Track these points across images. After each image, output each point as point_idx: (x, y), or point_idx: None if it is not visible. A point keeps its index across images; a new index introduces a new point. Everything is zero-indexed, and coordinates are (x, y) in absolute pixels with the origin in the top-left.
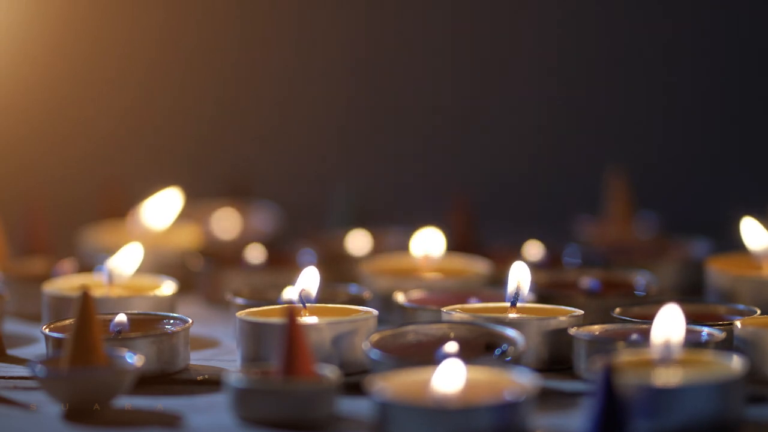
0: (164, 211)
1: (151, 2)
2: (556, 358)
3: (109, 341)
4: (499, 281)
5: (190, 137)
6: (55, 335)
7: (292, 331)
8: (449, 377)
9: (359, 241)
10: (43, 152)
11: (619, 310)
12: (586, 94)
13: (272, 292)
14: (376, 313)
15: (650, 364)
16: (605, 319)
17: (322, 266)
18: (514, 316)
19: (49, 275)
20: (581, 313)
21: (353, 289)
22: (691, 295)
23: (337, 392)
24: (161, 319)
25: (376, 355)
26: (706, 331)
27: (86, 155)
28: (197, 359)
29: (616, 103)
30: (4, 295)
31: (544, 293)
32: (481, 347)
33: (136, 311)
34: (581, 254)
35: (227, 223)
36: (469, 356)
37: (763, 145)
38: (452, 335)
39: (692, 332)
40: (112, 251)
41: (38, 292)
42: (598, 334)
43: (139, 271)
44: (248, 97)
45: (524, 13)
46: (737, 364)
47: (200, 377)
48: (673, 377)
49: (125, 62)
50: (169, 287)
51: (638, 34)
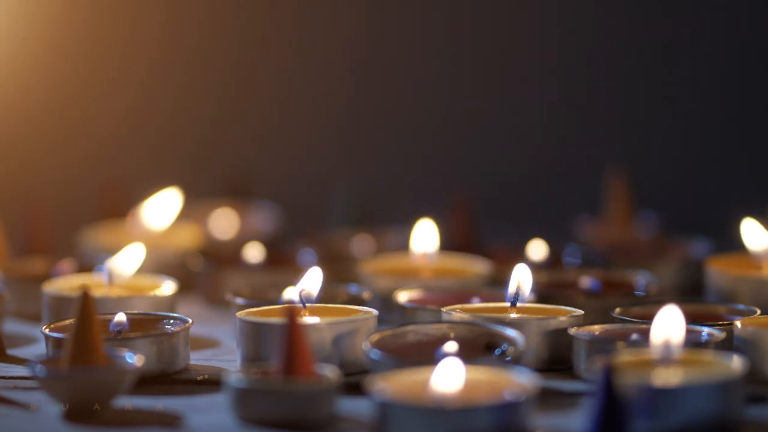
0: (164, 211)
1: (151, 2)
2: (556, 358)
3: (109, 341)
4: (499, 281)
5: (190, 137)
6: (55, 335)
7: (292, 331)
8: (449, 377)
9: (359, 241)
10: (43, 152)
11: (619, 310)
12: (586, 94)
13: (272, 292)
14: (376, 313)
15: (650, 364)
16: (605, 319)
17: (322, 266)
18: (514, 316)
19: (49, 275)
20: (581, 313)
21: (353, 289)
22: (691, 295)
23: (337, 392)
24: (161, 319)
25: (376, 355)
26: (706, 331)
27: (87, 155)
28: (197, 359)
29: (616, 103)
30: (4, 295)
31: (544, 293)
32: (481, 347)
33: (136, 311)
34: (581, 254)
35: (227, 223)
36: (469, 356)
37: (763, 145)
38: (452, 335)
39: (692, 332)
40: (112, 251)
41: (38, 292)
42: (598, 334)
43: (139, 271)
44: (248, 97)
45: (524, 13)
46: (737, 364)
47: (200, 377)
48: (673, 377)
49: (126, 62)
50: (169, 287)
51: (638, 34)
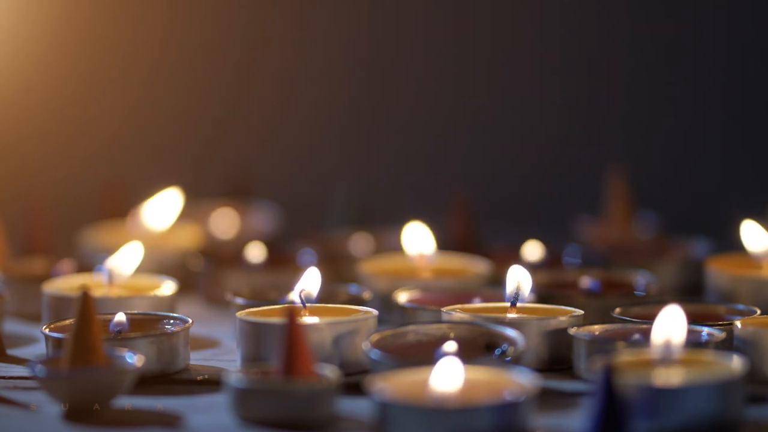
0: (164, 211)
1: (152, 2)
2: (556, 358)
3: (109, 341)
4: (499, 281)
5: (191, 137)
6: (55, 335)
7: (292, 331)
8: (449, 377)
9: (359, 241)
10: (43, 152)
11: (619, 310)
12: (586, 94)
13: (272, 292)
14: (376, 313)
15: (650, 364)
16: (605, 319)
17: (322, 266)
18: (514, 316)
19: (49, 275)
20: (581, 313)
21: (353, 289)
22: (691, 295)
23: (337, 392)
24: (161, 319)
25: (376, 355)
26: (706, 331)
27: (87, 155)
28: (197, 359)
29: (616, 103)
30: (4, 295)
31: (544, 293)
32: (481, 347)
33: (136, 311)
34: (581, 254)
35: (227, 223)
36: (469, 356)
37: (764, 145)
38: (452, 335)
39: (692, 332)
40: (112, 251)
41: (38, 292)
42: (598, 334)
43: (139, 271)
44: (250, 96)
45: (524, 12)
46: (737, 364)
47: (200, 377)
48: (673, 377)
49: (127, 62)
50: (169, 287)
51: (639, 33)
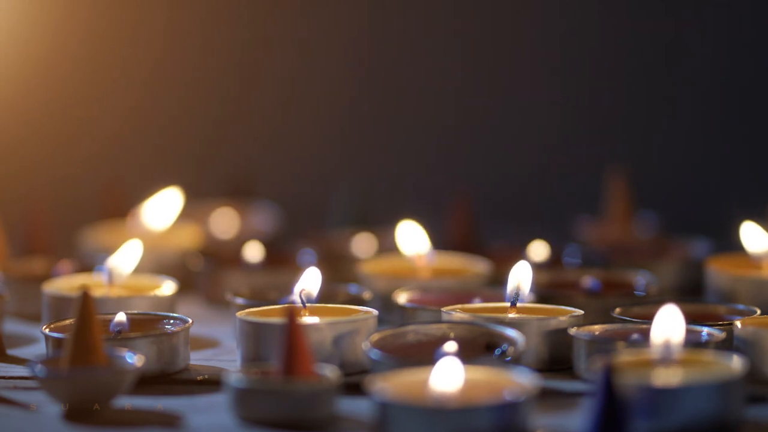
0: (164, 211)
1: (153, 3)
2: (556, 358)
3: (109, 341)
4: (499, 281)
5: (192, 137)
6: (55, 335)
7: (292, 331)
8: (449, 377)
9: (359, 241)
10: (44, 152)
11: (619, 310)
12: (586, 94)
13: (272, 292)
14: (376, 313)
15: (650, 364)
16: (605, 319)
17: (322, 266)
18: (514, 316)
19: (49, 275)
20: (581, 313)
21: (353, 289)
22: (691, 295)
23: (337, 392)
24: (161, 319)
25: (376, 355)
26: (706, 331)
27: (87, 155)
28: (197, 359)
29: (616, 103)
30: (4, 295)
31: (544, 293)
32: (481, 347)
33: (136, 311)
34: (581, 254)
35: (227, 222)
36: (469, 356)
37: (763, 145)
38: (452, 335)
39: (692, 332)
40: (112, 251)
41: (38, 292)
42: (598, 334)
43: (139, 271)
44: (251, 97)
45: (526, 12)
46: (737, 364)
47: (200, 377)
48: (673, 377)
49: (127, 63)
50: (169, 287)
51: (640, 33)
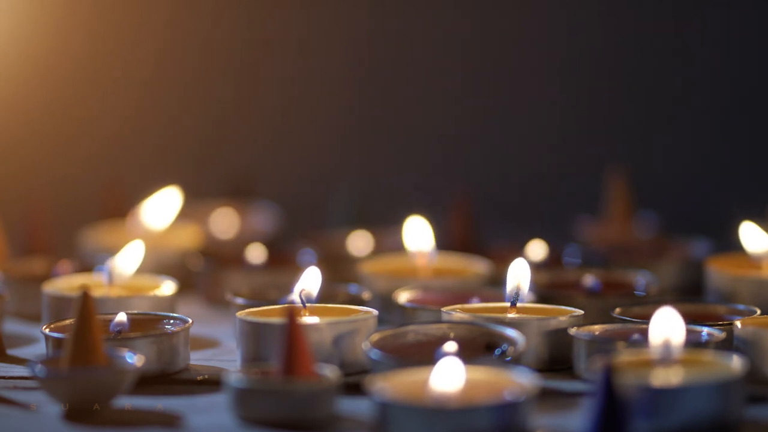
0: (164, 211)
1: (153, 3)
2: (556, 358)
3: (109, 341)
4: (499, 281)
5: (192, 137)
6: (55, 335)
7: (292, 331)
8: (449, 377)
9: (359, 240)
10: (44, 153)
11: (619, 310)
12: (586, 94)
13: (272, 292)
14: (376, 313)
15: (650, 364)
16: (605, 319)
17: (322, 266)
18: (514, 316)
19: (49, 275)
20: (581, 313)
21: (353, 289)
22: (691, 295)
23: (337, 392)
24: (161, 319)
25: (376, 355)
26: (706, 331)
27: (87, 155)
28: (197, 359)
29: (616, 103)
30: (4, 295)
31: (544, 293)
32: (481, 347)
33: (136, 311)
34: (581, 254)
35: (227, 223)
36: (469, 356)
37: (763, 145)
38: (452, 335)
39: (692, 332)
40: (112, 251)
41: (38, 292)
42: (598, 334)
43: (139, 271)
44: (251, 97)
45: (526, 12)
46: (737, 364)
47: (200, 377)
48: (673, 377)
49: (128, 63)
50: (169, 287)
51: (640, 34)
